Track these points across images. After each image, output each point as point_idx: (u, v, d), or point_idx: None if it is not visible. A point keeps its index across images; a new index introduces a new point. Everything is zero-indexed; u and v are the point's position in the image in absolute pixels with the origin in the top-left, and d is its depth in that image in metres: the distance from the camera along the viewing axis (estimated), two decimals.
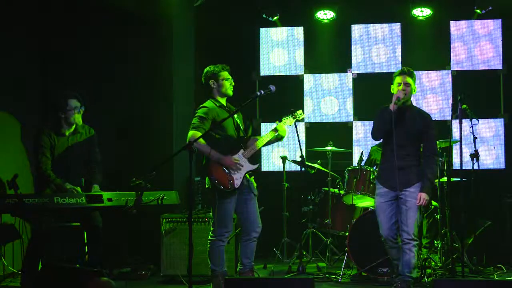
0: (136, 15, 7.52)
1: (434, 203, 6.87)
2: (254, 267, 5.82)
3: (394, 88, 5.75)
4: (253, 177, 5.79)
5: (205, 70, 5.80)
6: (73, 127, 6.02)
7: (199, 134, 5.47)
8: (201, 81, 5.83)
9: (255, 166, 5.71)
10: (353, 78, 8.44)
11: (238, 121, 5.79)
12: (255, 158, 5.79)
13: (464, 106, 5.91)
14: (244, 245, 5.73)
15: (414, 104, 5.91)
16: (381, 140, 5.90)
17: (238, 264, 5.80)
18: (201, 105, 5.73)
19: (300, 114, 5.97)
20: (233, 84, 5.79)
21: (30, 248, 5.74)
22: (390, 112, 5.59)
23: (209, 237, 5.66)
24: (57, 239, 5.84)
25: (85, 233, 5.96)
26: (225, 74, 5.75)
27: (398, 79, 5.75)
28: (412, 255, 5.58)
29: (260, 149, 5.94)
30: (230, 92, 5.78)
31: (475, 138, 5.99)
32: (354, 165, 6.90)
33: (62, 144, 5.97)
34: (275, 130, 5.79)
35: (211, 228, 5.68)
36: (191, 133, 5.53)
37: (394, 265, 5.83)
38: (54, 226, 5.76)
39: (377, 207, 5.76)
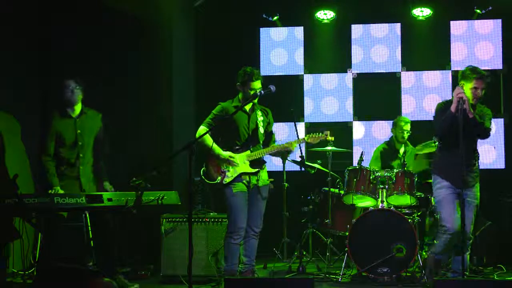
0: (136, 16, 7.52)
1: (434, 202, 6.85)
2: (255, 267, 5.83)
3: (467, 90, 5.53)
4: (271, 179, 5.99)
5: (240, 72, 5.82)
6: (78, 109, 6.06)
7: (206, 129, 5.66)
8: (201, 80, 5.87)
9: (254, 171, 5.77)
10: (353, 78, 8.44)
11: (259, 123, 5.84)
12: (259, 162, 5.85)
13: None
14: (244, 241, 5.79)
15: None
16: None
17: (240, 264, 5.81)
18: (220, 103, 5.88)
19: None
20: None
21: (42, 249, 5.78)
22: (451, 114, 5.41)
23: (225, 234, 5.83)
24: (61, 239, 5.86)
25: (89, 232, 5.99)
26: (256, 84, 5.75)
27: (475, 83, 5.60)
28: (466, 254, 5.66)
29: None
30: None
31: None
32: (354, 165, 6.90)
33: (69, 127, 6.04)
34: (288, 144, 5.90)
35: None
36: (200, 128, 5.75)
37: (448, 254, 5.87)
38: (58, 226, 5.78)
39: (444, 198, 5.69)
